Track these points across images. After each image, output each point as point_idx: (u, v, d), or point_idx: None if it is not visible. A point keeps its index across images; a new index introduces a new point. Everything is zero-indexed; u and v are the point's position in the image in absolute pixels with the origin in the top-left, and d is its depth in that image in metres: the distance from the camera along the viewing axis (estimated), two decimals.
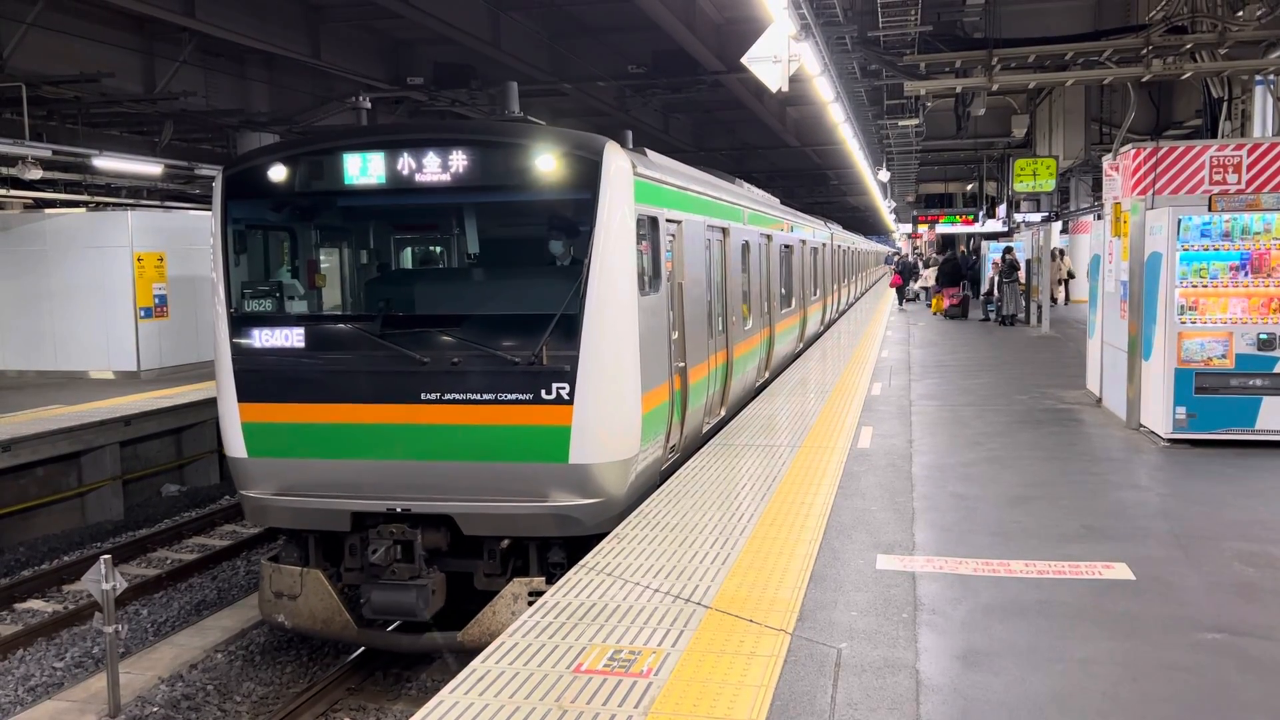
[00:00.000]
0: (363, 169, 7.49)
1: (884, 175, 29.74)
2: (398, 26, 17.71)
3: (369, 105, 8.06)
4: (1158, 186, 9.96)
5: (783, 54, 10.66)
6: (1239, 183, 9.72)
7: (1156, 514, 7.26)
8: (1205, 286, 9.38)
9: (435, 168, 7.36)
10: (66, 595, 10.80)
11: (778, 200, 19.17)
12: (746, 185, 15.54)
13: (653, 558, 6.18)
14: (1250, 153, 9.76)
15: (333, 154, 7.65)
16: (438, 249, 9.41)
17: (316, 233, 8.54)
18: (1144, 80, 14.35)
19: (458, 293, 8.24)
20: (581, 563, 6.14)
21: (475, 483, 7.28)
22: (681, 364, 8.97)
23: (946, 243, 41.75)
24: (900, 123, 20.00)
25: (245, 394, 7.66)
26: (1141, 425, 10.13)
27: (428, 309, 8.01)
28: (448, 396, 7.25)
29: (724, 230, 11.28)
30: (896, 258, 58.22)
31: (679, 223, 9.11)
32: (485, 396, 7.18)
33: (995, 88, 14.77)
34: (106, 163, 16.32)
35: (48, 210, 19.81)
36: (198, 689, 8.19)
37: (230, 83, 18.63)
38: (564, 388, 7.06)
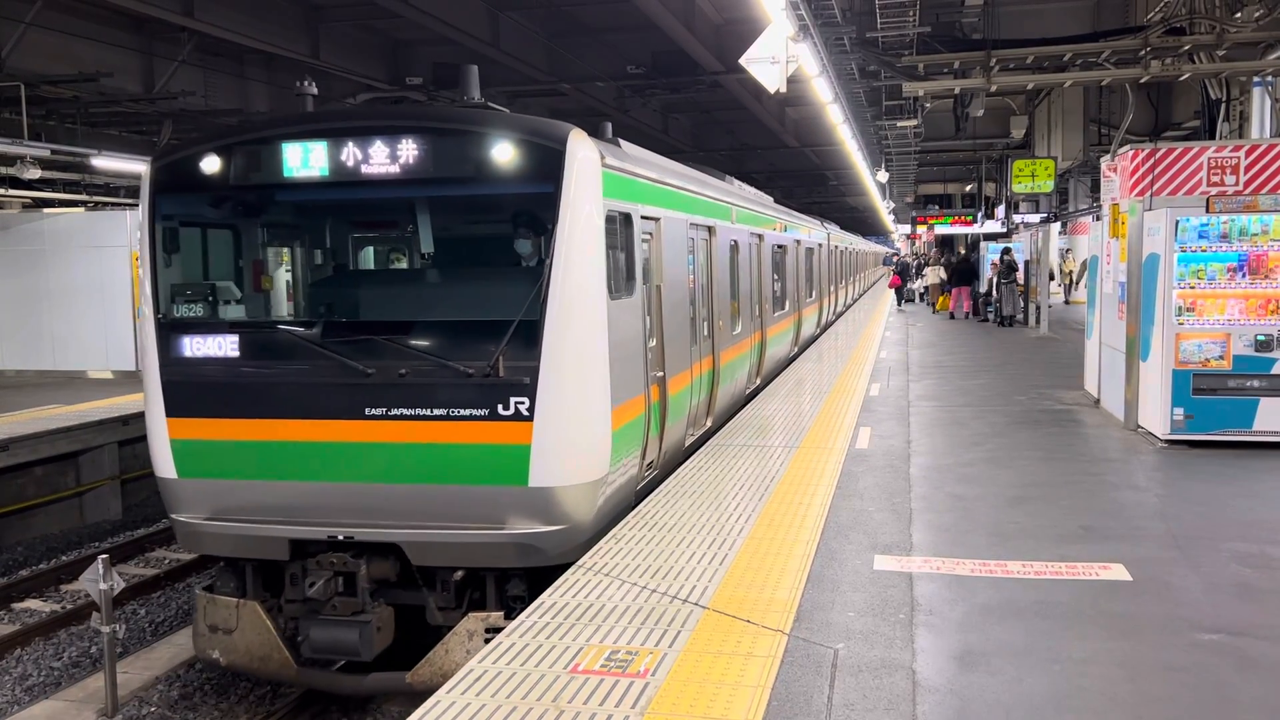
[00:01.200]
0: (303, 160, 6.82)
1: (883, 176, 29.78)
2: (397, 26, 17.72)
3: (314, 91, 7.49)
4: (1156, 188, 9.97)
5: (781, 55, 10.66)
6: (1237, 184, 9.73)
7: (1154, 515, 7.26)
8: (1203, 288, 9.39)
9: (382, 158, 6.71)
10: (64, 595, 10.80)
11: (771, 199, 18.83)
12: (738, 183, 14.97)
13: (650, 558, 6.18)
14: (1248, 154, 9.77)
15: (270, 143, 6.96)
16: (385, 248, 8.62)
17: (253, 230, 7.75)
18: (1142, 81, 14.36)
19: (406, 297, 7.60)
20: (579, 563, 6.14)
21: (425, 508, 6.64)
22: (660, 373, 8.40)
23: (945, 243, 41.78)
24: (899, 123, 20.04)
25: (174, 408, 7.01)
26: (1139, 426, 10.14)
27: (372, 315, 7.38)
28: (394, 412, 6.61)
29: (710, 229, 10.76)
30: (895, 258, 58.24)
31: (657, 220, 8.49)
32: (436, 412, 6.54)
33: (994, 89, 14.78)
34: (105, 162, 16.32)
35: (46, 210, 19.81)
36: (195, 688, 8.20)
37: (229, 82, 18.63)
38: (523, 402, 6.42)
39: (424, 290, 7.63)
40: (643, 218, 7.99)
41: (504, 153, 6.59)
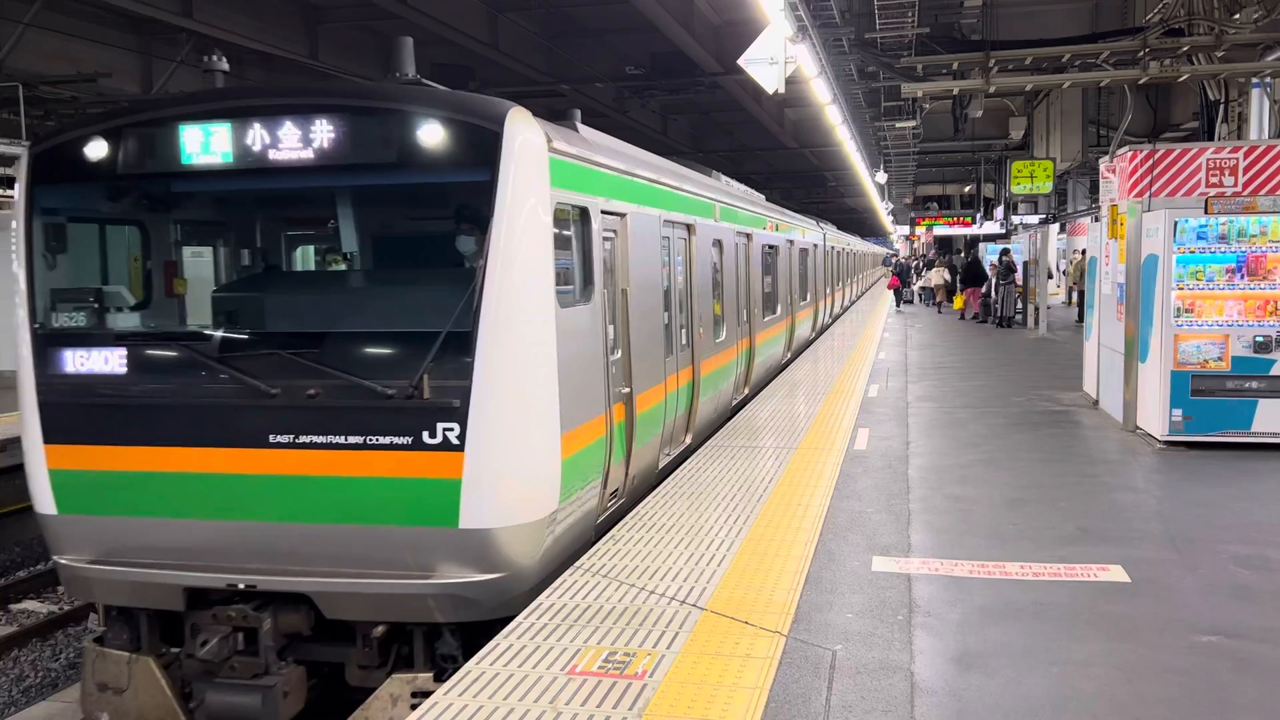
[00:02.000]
0: (204, 145, 5.87)
1: (881, 177, 29.83)
2: (396, 27, 17.71)
3: (225, 67, 6.68)
4: (1154, 189, 9.97)
5: (780, 56, 10.68)
6: (1235, 185, 9.73)
7: (1152, 516, 7.26)
8: (1201, 289, 9.40)
9: (292, 142, 5.78)
10: (61, 596, 10.78)
11: (763, 197, 18.05)
12: (725, 179, 14.10)
13: (648, 559, 6.18)
14: (1247, 155, 9.77)
15: (166, 125, 5.98)
16: (295, 248, 7.45)
17: (148, 227, 6.73)
18: (1141, 83, 14.35)
19: (317, 305, 6.56)
20: (577, 564, 6.13)
21: (339, 552, 5.71)
22: (627, 389, 7.50)
23: (944, 244, 41.85)
24: (897, 124, 20.06)
25: (53, 433, 6.04)
26: (1138, 427, 10.14)
27: (278, 325, 6.40)
28: (303, 439, 5.66)
29: (689, 227, 9.89)
30: (894, 259, 58.29)
31: (623, 216, 7.56)
32: (351, 440, 5.60)
33: (992, 90, 14.78)
34: None
35: None
36: None
37: (228, 83, 18.60)
38: (452, 429, 5.50)
39: (338, 297, 6.65)
40: (604, 213, 7.10)
41: (431, 135, 5.66)
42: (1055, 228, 29.74)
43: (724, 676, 4.51)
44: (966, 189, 38.98)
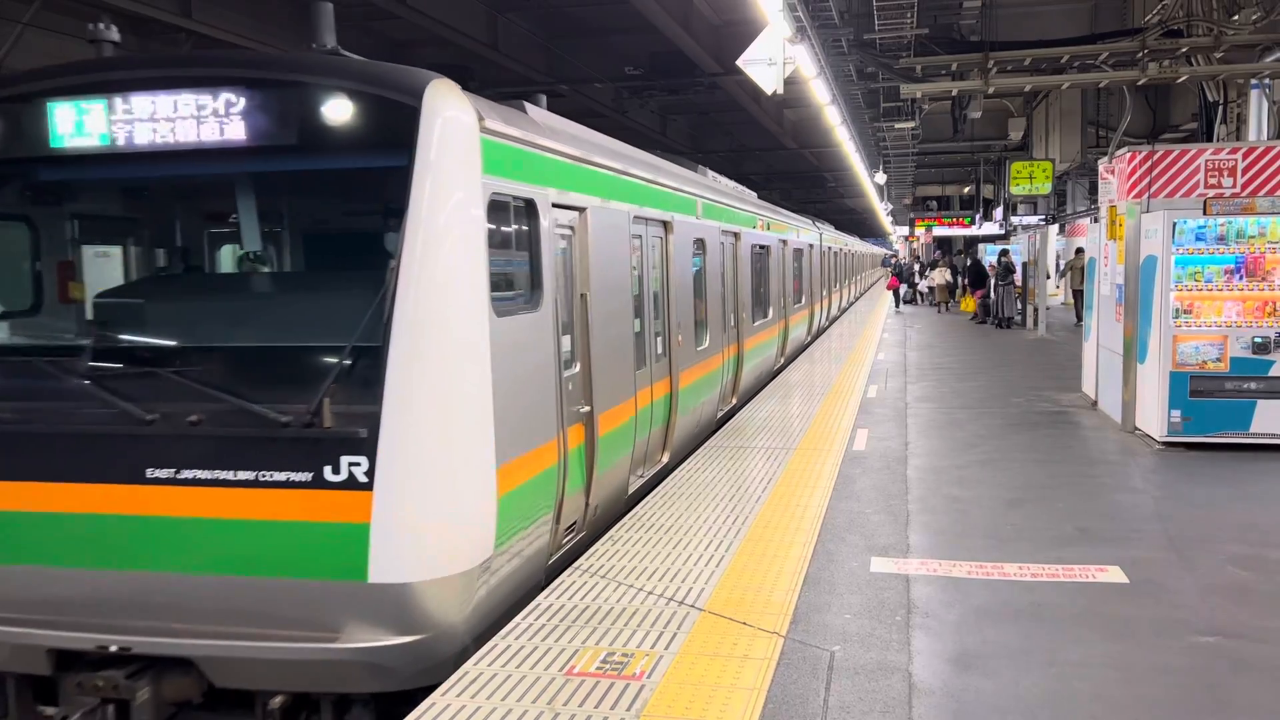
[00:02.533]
0: (77, 125, 5.04)
1: (881, 178, 29.86)
2: (395, 28, 17.72)
3: (115, 37, 5.70)
4: (1153, 190, 9.97)
5: (779, 56, 10.68)
6: (1234, 186, 9.74)
7: (1151, 517, 7.26)
8: (1200, 290, 9.41)
9: (179, 121, 4.94)
10: None
11: (755, 195, 17.28)
12: (713, 174, 13.30)
13: (646, 560, 6.18)
14: (1245, 156, 9.77)
15: (32, 102, 5.14)
16: (180, 246, 6.25)
17: (11, 222, 5.80)
18: (1140, 84, 14.36)
19: (203, 313, 5.55)
20: (574, 565, 6.13)
21: (229, 609, 4.80)
22: (587, 408, 6.72)
23: (944, 245, 41.88)
24: (897, 125, 20.08)
25: None
26: (1136, 428, 10.14)
27: (157, 337, 5.47)
28: (185, 474, 4.79)
29: (665, 224, 9.08)
30: (894, 260, 58.34)
31: (582, 210, 6.76)
32: (241, 475, 4.74)
33: (991, 91, 14.78)
34: None
35: None
36: None
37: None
38: (359, 463, 4.63)
39: (226, 305, 5.61)
40: (558, 206, 6.27)
41: (336, 111, 4.84)
42: (1054, 229, 29.75)
43: (722, 677, 4.51)
44: (966, 190, 39.01)
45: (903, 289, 35.76)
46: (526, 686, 4.43)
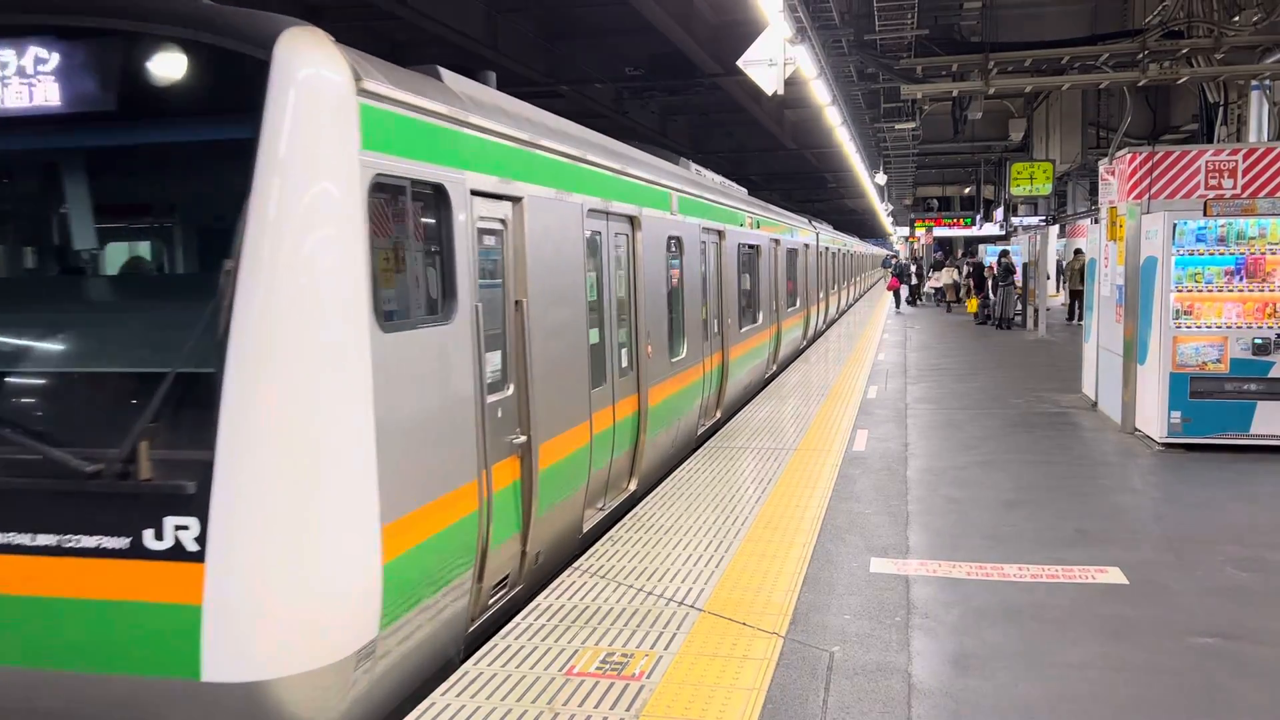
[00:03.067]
0: None
1: (881, 178, 29.87)
2: (395, 28, 17.72)
3: None
4: (1153, 191, 9.98)
5: (779, 57, 10.68)
6: (1234, 188, 9.74)
7: (1150, 518, 7.26)
8: (1200, 291, 9.41)
9: None
10: None
11: (745, 191, 16.12)
12: (696, 167, 12.19)
13: (645, 560, 6.18)
14: (1245, 158, 9.77)
15: None
16: None
17: None
18: (1140, 85, 14.37)
19: None
20: (574, 565, 6.13)
21: (28, 709, 3.88)
22: (523, 437, 5.65)
23: (942, 246, 41.91)
24: (897, 126, 20.10)
25: None
26: (1136, 429, 10.14)
27: None
28: None
29: (632, 219, 8.12)
30: (894, 260, 58.38)
31: (517, 201, 5.67)
32: (41, 540, 3.73)
33: (992, 91, 14.80)
34: None
35: None
36: None
37: None
38: (187, 526, 3.61)
39: (23, 319, 4.30)
40: (478, 193, 5.16)
41: (165, 65, 3.77)
42: (1055, 229, 29.75)
43: (721, 677, 4.51)
44: (966, 190, 39.03)
45: (903, 290, 35.76)
46: (526, 686, 4.43)
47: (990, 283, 26.33)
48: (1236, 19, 13.07)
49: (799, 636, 5.00)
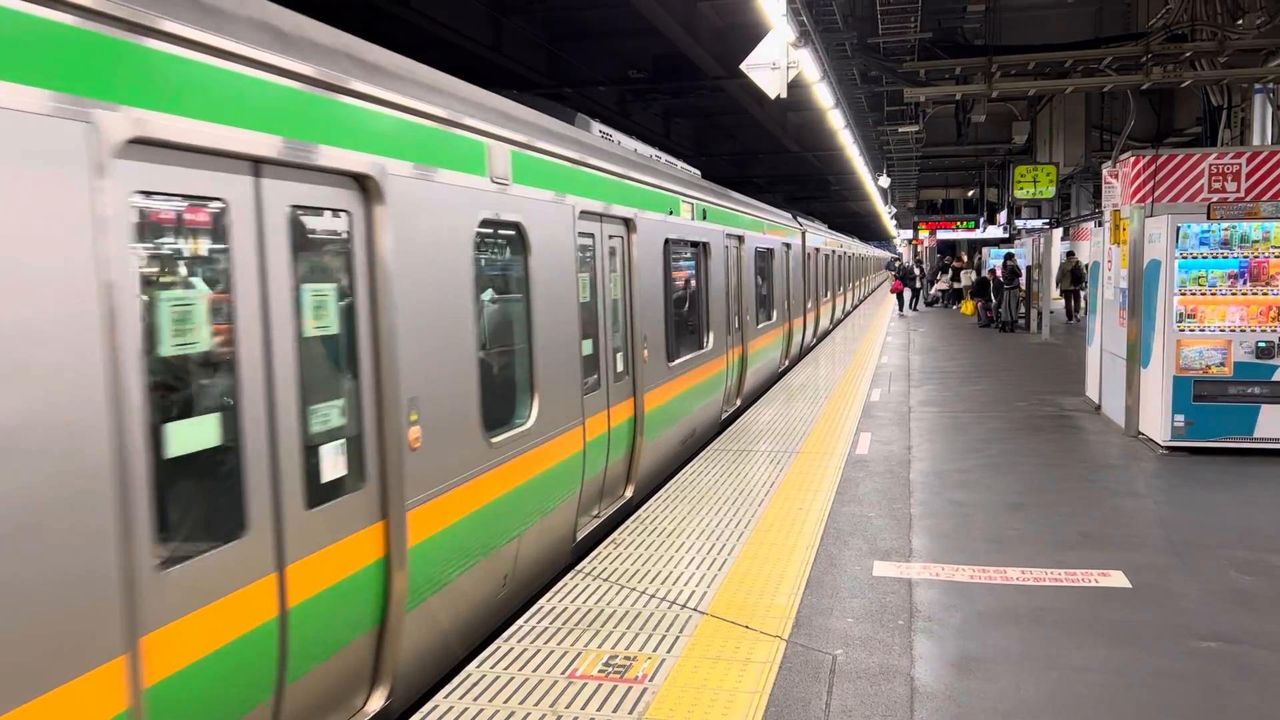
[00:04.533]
0: None
1: (884, 181, 29.83)
2: (397, 30, 17.74)
3: None
4: (1157, 194, 9.97)
5: (782, 60, 10.68)
6: (1238, 191, 9.73)
7: (1154, 522, 7.25)
8: (1204, 294, 9.40)
9: None
10: None
11: (699, 173, 13.49)
12: (667, 157, 11.00)
13: (648, 563, 6.18)
14: (1249, 161, 9.76)
15: None
16: None
17: None
18: (1144, 88, 14.34)
19: None
20: (577, 568, 6.13)
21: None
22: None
23: (946, 249, 41.88)
24: (900, 129, 20.06)
25: None
26: (1140, 433, 10.13)
27: None
28: None
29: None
30: (897, 263, 58.33)
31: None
32: None
33: (995, 94, 14.78)
34: None
35: None
36: None
37: None
38: None
39: None
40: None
41: None
42: (1058, 233, 29.71)
43: (724, 681, 4.51)
44: (970, 193, 38.98)
45: (907, 293, 35.74)
46: (529, 689, 4.43)
47: (993, 286, 26.32)
48: (1240, 22, 13.05)
49: (802, 640, 4.99)
